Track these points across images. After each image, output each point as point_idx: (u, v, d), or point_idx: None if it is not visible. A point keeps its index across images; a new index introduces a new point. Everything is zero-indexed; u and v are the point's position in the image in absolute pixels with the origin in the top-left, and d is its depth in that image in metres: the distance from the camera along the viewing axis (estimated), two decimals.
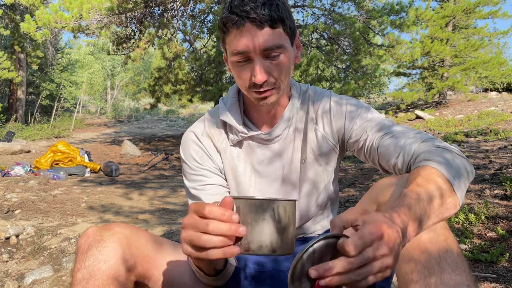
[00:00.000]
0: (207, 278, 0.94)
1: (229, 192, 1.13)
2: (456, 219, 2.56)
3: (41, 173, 5.65)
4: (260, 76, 0.92)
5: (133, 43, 9.61)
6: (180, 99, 10.98)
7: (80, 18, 7.82)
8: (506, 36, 17.82)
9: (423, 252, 0.74)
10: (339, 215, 0.67)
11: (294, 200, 0.69)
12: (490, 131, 7.36)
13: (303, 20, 10.73)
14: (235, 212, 0.65)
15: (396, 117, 11.50)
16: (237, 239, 0.65)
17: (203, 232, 0.64)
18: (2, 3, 13.69)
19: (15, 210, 3.56)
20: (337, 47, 9.61)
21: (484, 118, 9.09)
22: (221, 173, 1.13)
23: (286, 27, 0.94)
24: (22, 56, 14.98)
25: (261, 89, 0.96)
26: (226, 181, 1.13)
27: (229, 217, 0.63)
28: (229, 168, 1.11)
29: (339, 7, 9.89)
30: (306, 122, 1.10)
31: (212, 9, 9.12)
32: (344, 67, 9.92)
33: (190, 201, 1.12)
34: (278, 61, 0.94)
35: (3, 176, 5.35)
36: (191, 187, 1.11)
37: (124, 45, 9.72)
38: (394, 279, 1.30)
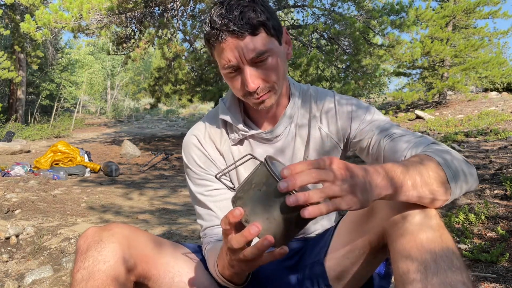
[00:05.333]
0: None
1: None
2: (456, 219, 2.56)
3: (41, 173, 5.65)
4: (252, 85, 0.92)
5: (133, 43, 9.59)
6: (180, 99, 10.96)
7: (80, 18, 7.80)
8: (506, 36, 17.80)
9: (420, 250, 0.74)
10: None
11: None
12: (490, 131, 7.35)
13: (303, 20, 10.72)
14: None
15: (396, 117, 11.49)
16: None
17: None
18: (2, 3, 13.68)
19: (15, 210, 3.55)
20: (337, 47, 9.58)
21: (484, 118, 9.08)
22: (226, 175, 1.12)
23: (269, 30, 0.92)
24: (22, 56, 14.96)
25: (257, 96, 0.96)
26: (232, 183, 1.12)
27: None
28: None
29: (339, 7, 9.88)
30: (309, 120, 1.10)
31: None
32: (344, 67, 9.90)
33: (196, 207, 1.11)
34: (268, 65, 0.93)
35: (3, 176, 5.35)
36: (197, 192, 1.10)
37: (124, 45, 9.70)
38: (394, 279, 1.30)
